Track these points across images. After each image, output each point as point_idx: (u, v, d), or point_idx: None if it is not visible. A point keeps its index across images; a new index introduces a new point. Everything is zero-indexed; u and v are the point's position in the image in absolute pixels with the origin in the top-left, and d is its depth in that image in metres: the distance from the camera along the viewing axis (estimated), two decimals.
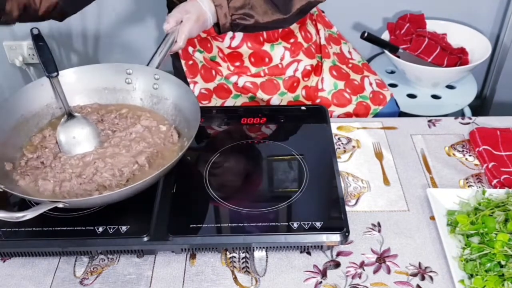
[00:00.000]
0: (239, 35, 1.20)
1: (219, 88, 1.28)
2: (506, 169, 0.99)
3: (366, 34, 1.66)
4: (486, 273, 0.79)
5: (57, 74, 1.00)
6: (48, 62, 1.00)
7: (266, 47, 1.23)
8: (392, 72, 1.88)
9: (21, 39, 1.93)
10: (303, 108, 1.12)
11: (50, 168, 0.92)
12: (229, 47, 1.22)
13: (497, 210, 0.87)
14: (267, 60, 1.25)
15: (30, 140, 0.99)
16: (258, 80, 1.26)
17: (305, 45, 1.28)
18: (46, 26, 1.92)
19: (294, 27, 1.25)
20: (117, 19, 1.91)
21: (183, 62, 1.28)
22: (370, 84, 1.32)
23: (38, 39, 1.04)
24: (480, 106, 2.05)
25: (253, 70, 1.25)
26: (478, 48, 1.77)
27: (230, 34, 1.19)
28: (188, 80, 1.29)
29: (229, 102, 1.29)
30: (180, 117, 1.01)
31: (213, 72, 1.27)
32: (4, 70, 2.05)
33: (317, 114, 1.10)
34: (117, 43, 1.96)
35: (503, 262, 0.79)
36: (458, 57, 1.78)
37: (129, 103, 1.06)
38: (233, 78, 1.25)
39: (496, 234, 0.83)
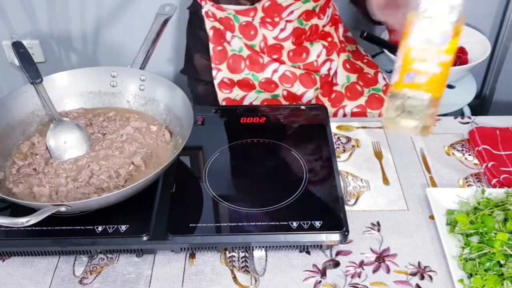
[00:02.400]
0: (289, 28, 1.21)
1: (243, 82, 1.27)
2: (505, 169, 1.00)
3: (365, 34, 1.66)
4: (486, 273, 0.79)
5: (41, 80, 1.00)
6: (30, 69, 1.00)
7: (306, 43, 1.25)
8: (391, 72, 1.88)
9: (20, 38, 1.92)
10: (302, 107, 1.12)
11: (43, 174, 0.91)
12: (276, 37, 1.22)
13: (496, 209, 0.87)
14: (304, 55, 1.25)
15: (19, 148, 0.98)
16: (298, 72, 1.26)
17: (339, 45, 1.30)
18: (46, 26, 1.92)
19: (329, 29, 1.29)
20: (118, 20, 1.91)
21: (211, 45, 1.26)
22: (384, 78, 1.33)
23: (18, 46, 1.03)
24: (480, 105, 2.05)
25: (289, 64, 1.26)
26: (478, 47, 1.77)
27: (281, 25, 1.20)
28: (212, 65, 1.27)
29: (251, 96, 1.28)
30: (170, 116, 1.01)
31: (242, 65, 1.26)
32: (4, 69, 2.05)
33: (317, 114, 1.10)
34: (117, 43, 1.96)
35: (502, 262, 0.79)
36: (457, 56, 1.77)
37: (116, 106, 1.06)
38: (274, 65, 1.25)
39: (495, 233, 0.83)
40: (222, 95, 1.28)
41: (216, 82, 1.28)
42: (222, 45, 1.26)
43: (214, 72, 1.27)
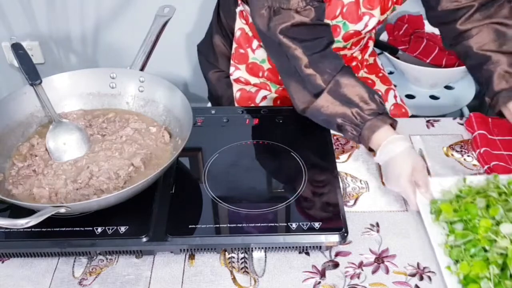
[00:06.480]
0: None
1: (260, 85, 1.28)
2: (497, 152, 1.01)
3: None
4: (472, 259, 0.80)
5: (40, 82, 1.00)
6: (30, 70, 1.00)
7: None
8: (391, 73, 1.88)
9: (19, 39, 1.93)
10: None
11: (43, 175, 0.91)
12: None
13: (478, 196, 0.88)
14: None
15: (18, 149, 0.98)
16: None
17: (361, 66, 1.30)
18: (45, 28, 1.92)
19: (357, 53, 1.27)
20: (117, 21, 1.91)
21: (235, 45, 1.25)
22: (395, 97, 1.33)
23: (17, 48, 1.03)
24: (479, 106, 2.05)
25: None
26: None
27: None
28: (232, 62, 1.26)
29: (264, 91, 1.28)
30: (170, 118, 1.01)
31: (261, 74, 1.26)
32: (3, 71, 2.05)
33: None
34: (116, 45, 1.96)
35: (487, 247, 0.80)
36: (456, 57, 1.78)
37: (115, 107, 1.06)
38: None
39: (478, 220, 0.84)
40: (237, 86, 1.28)
41: (232, 77, 1.28)
42: (245, 50, 1.24)
43: (231, 69, 1.27)
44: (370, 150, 0.98)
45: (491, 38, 1.04)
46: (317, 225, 0.85)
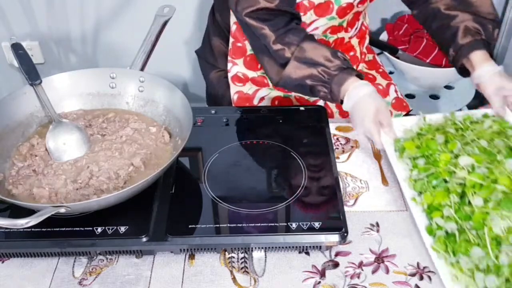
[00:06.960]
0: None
1: (258, 79, 1.28)
2: None
3: None
4: (434, 189, 0.87)
5: (40, 82, 1.00)
6: (30, 70, 1.00)
7: None
8: (391, 73, 1.89)
9: (19, 39, 1.92)
10: (302, 108, 1.12)
11: (43, 175, 0.91)
12: None
13: (437, 133, 0.95)
14: None
15: (18, 149, 0.98)
16: None
17: (360, 58, 1.30)
18: (45, 28, 1.92)
19: (355, 41, 1.28)
20: (117, 21, 1.91)
21: (231, 39, 1.25)
22: (396, 91, 1.33)
23: (17, 48, 1.03)
24: (479, 106, 2.05)
25: None
26: None
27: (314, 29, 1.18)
28: (229, 58, 1.27)
29: (263, 91, 1.29)
30: (170, 118, 1.01)
31: (259, 65, 1.26)
32: (3, 71, 2.05)
33: (316, 115, 1.10)
34: (116, 45, 1.96)
35: (447, 178, 0.87)
36: None
37: (115, 107, 1.06)
38: None
39: (439, 154, 0.91)
40: (235, 88, 1.29)
41: (230, 74, 1.28)
42: (242, 42, 1.25)
43: (229, 65, 1.27)
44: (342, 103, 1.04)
45: (458, 1, 1.12)
46: (317, 225, 0.85)
